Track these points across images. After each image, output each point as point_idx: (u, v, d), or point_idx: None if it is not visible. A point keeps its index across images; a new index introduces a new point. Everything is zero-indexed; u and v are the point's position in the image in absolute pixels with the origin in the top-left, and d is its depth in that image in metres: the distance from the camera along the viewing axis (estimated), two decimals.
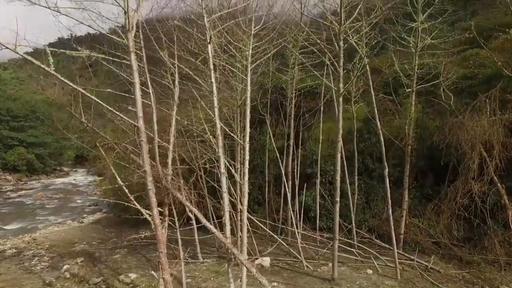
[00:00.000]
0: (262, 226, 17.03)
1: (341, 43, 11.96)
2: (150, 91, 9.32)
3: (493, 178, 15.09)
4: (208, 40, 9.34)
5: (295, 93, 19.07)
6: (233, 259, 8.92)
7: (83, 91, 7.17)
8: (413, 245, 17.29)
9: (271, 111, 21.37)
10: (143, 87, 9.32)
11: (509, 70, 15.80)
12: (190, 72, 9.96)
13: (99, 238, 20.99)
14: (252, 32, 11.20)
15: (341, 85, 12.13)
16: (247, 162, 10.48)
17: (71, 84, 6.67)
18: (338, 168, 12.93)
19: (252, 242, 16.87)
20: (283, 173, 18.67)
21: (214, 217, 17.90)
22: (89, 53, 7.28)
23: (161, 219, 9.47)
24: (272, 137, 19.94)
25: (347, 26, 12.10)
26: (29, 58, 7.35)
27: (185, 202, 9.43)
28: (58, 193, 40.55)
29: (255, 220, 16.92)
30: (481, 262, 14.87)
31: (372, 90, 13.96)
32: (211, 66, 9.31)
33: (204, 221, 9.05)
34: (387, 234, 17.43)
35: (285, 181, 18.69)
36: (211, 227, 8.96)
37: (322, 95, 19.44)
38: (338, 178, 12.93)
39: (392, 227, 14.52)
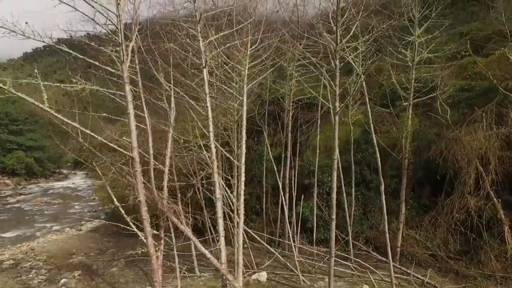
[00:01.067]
0: (259, 239, 17.00)
1: (337, 62, 11.96)
2: (146, 116, 9.33)
3: (489, 192, 15.14)
4: (204, 64, 9.36)
5: (292, 105, 19.10)
6: (227, 285, 8.96)
7: (77, 125, 7.18)
8: (410, 257, 17.35)
9: (269, 121, 21.42)
10: (139, 111, 9.35)
11: (505, 84, 15.87)
12: (185, 96, 9.98)
13: (97, 249, 21.01)
14: (248, 53, 11.24)
15: (337, 103, 12.12)
16: (242, 184, 10.51)
17: (69, 122, 6.69)
18: (334, 185, 12.90)
19: (249, 254, 16.94)
20: (280, 185, 18.69)
21: (212, 230, 17.94)
22: (84, 84, 7.30)
23: (155, 245, 9.51)
24: (269, 147, 19.99)
25: (343, 45, 12.13)
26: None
27: (181, 226, 9.47)
28: (56, 198, 40.57)
29: (252, 234, 16.95)
30: (478, 277, 14.93)
31: (368, 106, 13.96)
32: (206, 90, 9.33)
33: (199, 245, 9.10)
34: (384, 246, 17.46)
35: (282, 192, 18.75)
36: (206, 252, 8.99)
37: (320, 106, 19.49)
38: (334, 195, 12.90)
39: (388, 243, 14.51)
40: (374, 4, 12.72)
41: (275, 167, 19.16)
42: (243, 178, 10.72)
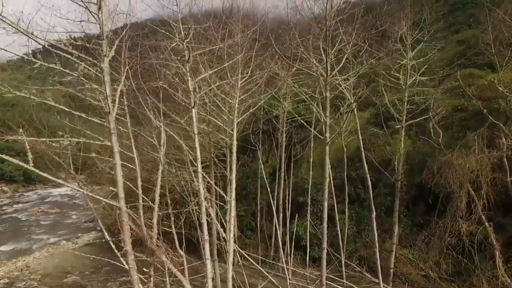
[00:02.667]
0: (252, 261, 17.07)
1: (327, 93, 12.04)
2: (135, 156, 9.38)
3: (481, 217, 15.21)
4: (193, 104, 9.41)
5: (286, 125, 19.15)
6: None
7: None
8: (403, 278, 17.42)
9: (264, 138, 21.46)
10: (128, 153, 9.38)
11: (497, 106, 15.97)
12: (175, 135, 10.02)
13: (92, 267, 21.05)
14: (239, 86, 11.29)
15: (327, 134, 12.21)
16: (232, 219, 10.56)
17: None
18: (325, 214, 13.00)
19: (242, 273, 16.97)
20: (274, 205, 18.72)
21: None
22: (70, 138, 7.37)
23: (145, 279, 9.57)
24: (264, 163, 20.08)
25: (334, 75, 12.20)
26: None
27: (170, 266, 9.51)
28: (54, 207, 40.55)
29: (245, 255, 17.01)
30: None
31: (359, 134, 14.02)
32: (195, 130, 9.39)
33: (188, 286, 9.14)
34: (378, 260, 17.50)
35: (276, 211, 18.80)
36: None
37: (313, 125, 19.53)
38: (325, 225, 13.00)
39: (379, 267, 14.61)
40: (366, 31, 12.76)
41: (269, 185, 19.21)
42: (233, 213, 10.79)
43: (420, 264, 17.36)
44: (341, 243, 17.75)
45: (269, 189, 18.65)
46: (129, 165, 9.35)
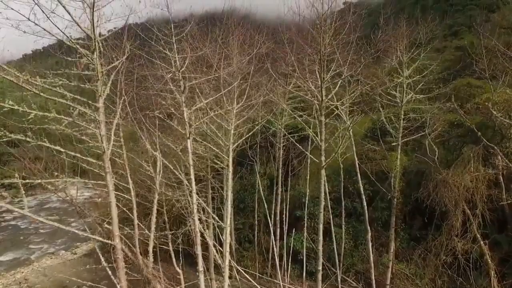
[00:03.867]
0: (249, 278, 17.16)
1: (322, 118, 12.12)
2: (131, 187, 9.46)
3: (476, 235, 15.30)
4: (188, 135, 9.49)
5: (283, 142, 19.24)
6: None
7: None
8: None
9: (261, 152, 21.55)
10: (125, 184, 9.46)
11: (491, 126, 16.05)
12: (170, 166, 10.10)
13: (90, 279, 21.09)
14: (234, 111, 11.38)
15: (323, 158, 12.29)
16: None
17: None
18: (320, 237, 13.07)
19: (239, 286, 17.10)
20: (271, 218, 18.83)
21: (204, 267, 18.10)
22: (66, 179, 7.46)
23: None
24: (262, 176, 20.17)
25: (329, 100, 12.28)
26: None
27: None
28: (53, 214, 40.63)
29: (242, 271, 17.11)
30: None
31: (355, 154, 14.11)
32: (190, 162, 9.46)
33: None
34: (374, 282, 17.62)
35: (273, 226, 18.91)
36: None
37: (310, 140, 19.63)
38: (320, 247, 13.07)
39: (375, 287, 14.69)
40: (362, 55, 12.85)
41: (266, 197, 19.33)
42: (228, 239, 10.87)
43: (416, 280, 17.45)
44: (337, 258, 17.84)
45: (266, 205, 18.73)
46: (125, 196, 9.42)
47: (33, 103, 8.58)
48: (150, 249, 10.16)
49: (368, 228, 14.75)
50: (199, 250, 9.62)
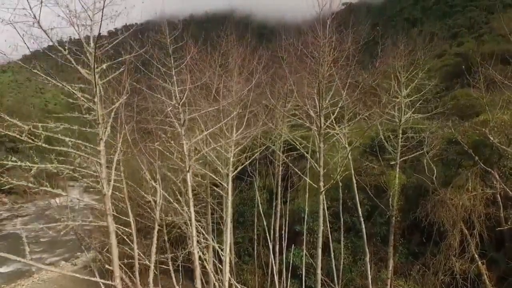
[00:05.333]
0: None
1: (321, 144, 12.22)
2: (131, 220, 9.55)
3: (474, 255, 15.41)
4: (187, 168, 9.58)
5: (282, 161, 19.33)
6: None
7: None
8: None
9: (260, 168, 21.64)
10: (124, 217, 9.56)
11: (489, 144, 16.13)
12: (169, 197, 10.20)
13: None
14: (234, 139, 11.48)
15: (321, 184, 12.40)
16: (227, 275, 10.73)
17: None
18: (319, 262, 13.18)
19: None
20: (270, 234, 18.92)
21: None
22: (67, 221, 7.56)
23: None
24: (261, 189, 20.26)
25: (328, 126, 12.38)
26: None
27: None
28: (51, 222, 40.64)
29: None
30: None
31: (353, 176, 14.21)
32: (190, 195, 9.56)
33: None
34: None
35: (272, 241, 19.01)
36: None
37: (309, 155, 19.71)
38: (319, 271, 13.18)
39: None
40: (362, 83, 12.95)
41: (266, 210, 19.43)
42: (227, 269, 10.97)
43: None
44: (336, 274, 17.95)
45: (265, 222, 18.83)
46: (125, 229, 9.52)
47: (33, 105, 8.72)
48: (150, 280, 10.25)
49: (367, 250, 14.85)
50: (198, 282, 9.72)
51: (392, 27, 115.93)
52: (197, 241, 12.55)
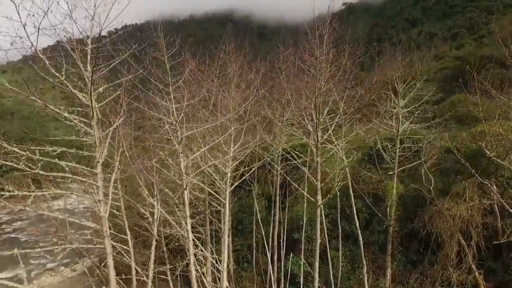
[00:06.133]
0: None
1: (318, 158, 12.28)
2: (129, 238, 9.61)
3: (471, 266, 15.47)
4: (185, 186, 9.63)
5: (281, 166, 19.38)
6: None
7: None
8: None
9: (258, 176, 21.71)
10: (125, 247, 9.60)
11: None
12: (167, 214, 10.25)
13: None
14: (231, 153, 11.53)
15: (318, 197, 12.46)
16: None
17: None
18: (316, 274, 13.24)
19: None
20: (269, 242, 18.97)
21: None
22: (64, 246, 7.62)
23: None
24: (260, 196, 20.32)
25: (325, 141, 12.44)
26: None
27: None
28: (51, 226, 40.73)
29: None
30: None
31: (351, 192, 14.26)
32: (187, 213, 9.62)
33: None
34: None
35: (270, 249, 19.07)
36: None
37: (308, 164, 19.78)
38: (316, 284, 13.24)
39: None
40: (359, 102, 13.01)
41: (264, 217, 19.48)
42: (225, 284, 11.03)
43: None
44: (333, 281, 18.01)
45: (263, 231, 18.89)
46: (124, 246, 9.58)
47: (32, 107, 8.80)
48: None
49: (364, 262, 14.92)
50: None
51: (392, 27, 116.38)
52: (195, 254, 12.67)
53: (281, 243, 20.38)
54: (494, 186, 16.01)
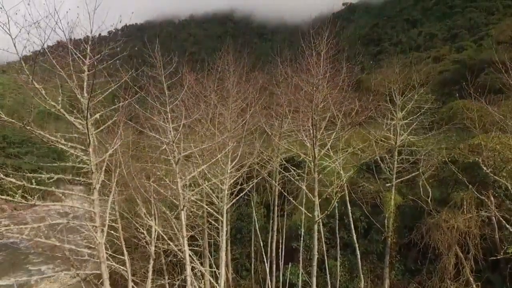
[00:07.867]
0: None
1: (316, 175, 12.32)
2: (126, 259, 9.65)
3: (469, 279, 15.50)
4: (181, 207, 9.68)
5: (279, 177, 19.43)
6: None
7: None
8: None
9: (257, 186, 21.71)
10: (121, 258, 9.64)
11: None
12: (164, 236, 10.29)
13: None
14: (228, 170, 11.57)
15: (316, 213, 12.50)
16: None
17: None
18: (315, 272, 13.23)
19: None
20: (267, 251, 19.02)
21: None
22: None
23: None
24: (259, 205, 20.35)
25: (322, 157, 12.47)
26: None
27: None
28: (50, 230, 40.76)
29: None
30: None
31: (348, 203, 14.30)
32: (184, 233, 9.65)
33: None
34: None
35: (269, 258, 19.11)
36: None
37: (306, 172, 19.81)
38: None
39: None
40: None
41: (263, 225, 19.50)
42: None
43: None
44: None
45: (261, 241, 18.93)
46: (121, 267, 9.61)
47: (33, 105, 8.92)
48: None
49: (362, 276, 14.94)
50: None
51: (392, 27, 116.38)
52: (192, 268, 12.72)
53: (280, 252, 20.41)
54: (492, 198, 16.03)
